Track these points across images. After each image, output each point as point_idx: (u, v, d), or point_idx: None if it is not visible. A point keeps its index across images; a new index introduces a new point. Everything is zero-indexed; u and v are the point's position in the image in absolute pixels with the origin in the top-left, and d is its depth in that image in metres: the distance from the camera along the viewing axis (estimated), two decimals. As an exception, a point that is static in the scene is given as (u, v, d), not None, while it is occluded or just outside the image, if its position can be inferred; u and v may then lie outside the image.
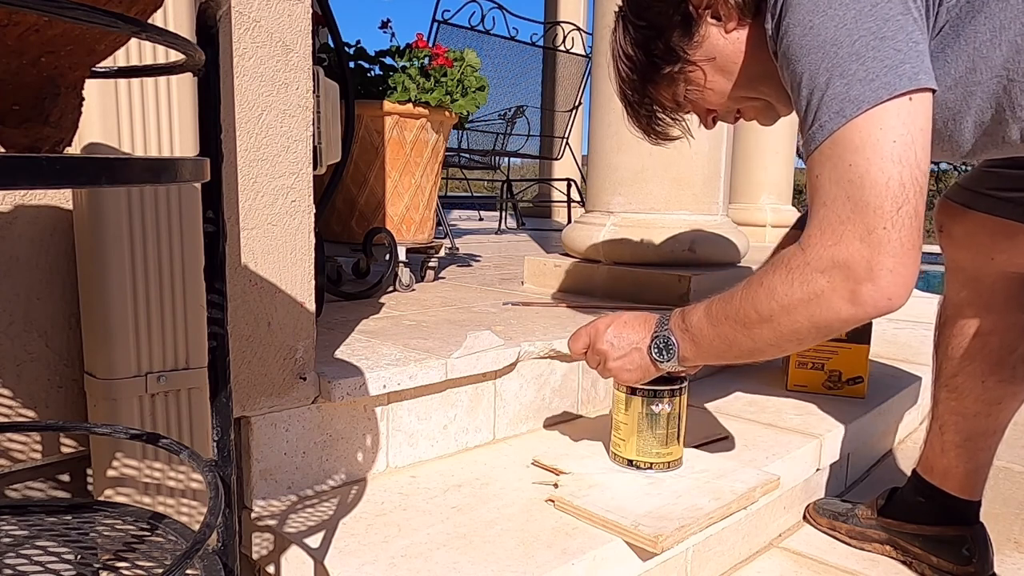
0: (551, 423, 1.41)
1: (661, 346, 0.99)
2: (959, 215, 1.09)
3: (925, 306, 1.98)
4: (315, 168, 1.14)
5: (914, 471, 1.23)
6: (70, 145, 0.54)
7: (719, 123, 1.07)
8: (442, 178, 3.81)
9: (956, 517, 1.17)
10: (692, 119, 1.08)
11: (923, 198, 0.76)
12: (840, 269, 0.76)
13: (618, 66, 1.06)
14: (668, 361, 0.99)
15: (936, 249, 1.15)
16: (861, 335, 1.59)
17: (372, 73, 2.01)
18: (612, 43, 1.07)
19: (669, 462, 1.14)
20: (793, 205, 4.16)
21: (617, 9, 1.08)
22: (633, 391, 1.14)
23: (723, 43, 0.95)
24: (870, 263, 0.75)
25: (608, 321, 1.08)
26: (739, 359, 0.95)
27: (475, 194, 8.04)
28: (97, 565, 0.70)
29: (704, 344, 0.94)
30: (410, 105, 1.97)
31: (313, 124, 1.06)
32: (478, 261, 2.86)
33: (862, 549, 1.25)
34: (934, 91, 0.76)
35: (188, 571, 0.57)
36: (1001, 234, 1.05)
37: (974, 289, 1.13)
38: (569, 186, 5.15)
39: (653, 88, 1.03)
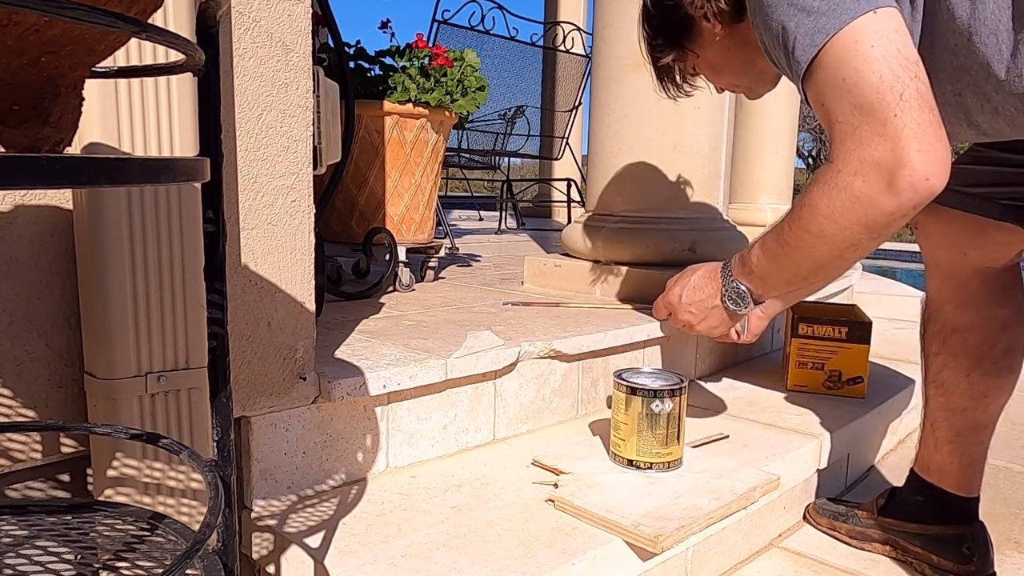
0: (551, 423, 1.41)
1: (735, 296, 1.05)
2: (933, 212, 1.10)
3: (925, 306, 1.98)
4: (315, 168, 1.14)
5: (912, 470, 1.23)
6: (70, 145, 0.54)
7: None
8: (442, 178, 3.81)
9: (956, 515, 1.17)
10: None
11: (922, 81, 0.80)
12: (871, 166, 0.80)
13: (643, 32, 1.16)
14: (746, 307, 1.05)
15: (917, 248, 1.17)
16: (861, 335, 1.59)
17: (372, 73, 2.01)
18: (642, 17, 1.16)
19: (669, 462, 1.14)
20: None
21: None
22: (633, 391, 1.14)
23: (715, 41, 1.04)
24: (895, 151, 0.78)
25: (679, 289, 1.15)
26: (810, 283, 1.00)
27: (475, 194, 8.04)
28: (97, 565, 0.70)
29: (770, 278, 1.01)
30: (410, 105, 1.97)
31: (313, 124, 1.06)
32: (478, 261, 2.86)
33: (862, 549, 1.25)
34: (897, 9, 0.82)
35: (188, 571, 0.57)
36: (970, 230, 1.08)
37: (952, 286, 1.14)
38: (569, 186, 5.14)
39: (665, 60, 1.15)
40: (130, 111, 0.79)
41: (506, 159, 5.29)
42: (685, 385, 1.16)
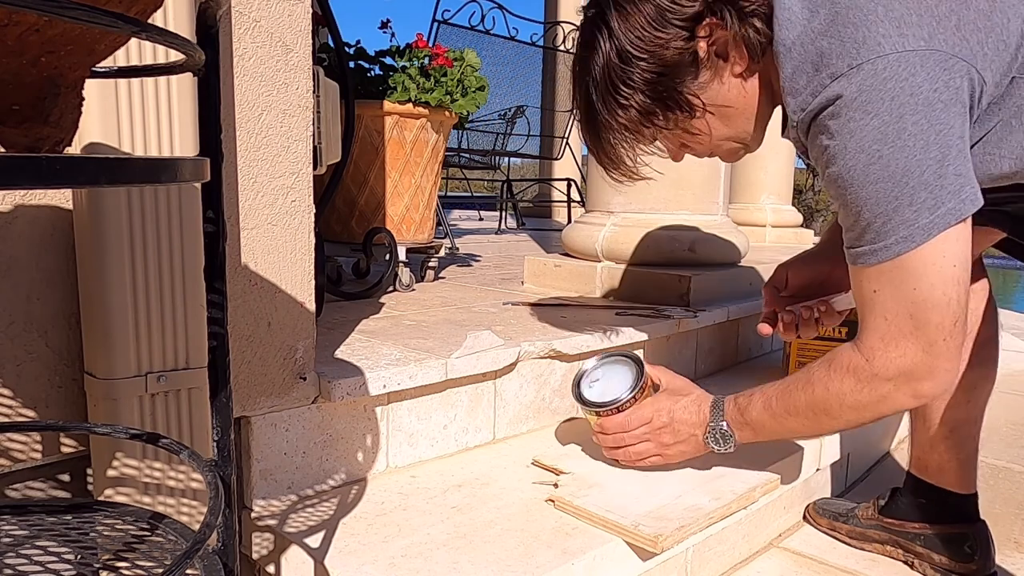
0: (551, 423, 1.41)
1: (718, 436, 1.06)
2: None
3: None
4: (315, 168, 1.14)
5: (909, 473, 1.23)
6: (70, 145, 0.54)
7: None
8: (442, 178, 3.81)
9: (957, 514, 1.17)
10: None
11: (966, 302, 0.84)
12: (904, 376, 0.86)
13: (608, 102, 0.93)
14: (726, 449, 1.06)
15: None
16: (861, 335, 1.59)
17: (372, 73, 2.01)
18: (596, 71, 0.92)
19: None
20: (793, 205, 4.16)
21: (595, 15, 0.92)
22: (600, 414, 1.14)
23: (726, 90, 0.91)
24: (931, 369, 0.84)
25: (666, 406, 1.11)
26: (796, 439, 1.07)
27: (475, 194, 8.04)
28: (97, 565, 0.70)
29: (765, 433, 1.03)
30: (410, 105, 1.97)
31: (313, 124, 1.06)
32: (478, 261, 2.86)
33: (862, 549, 1.25)
34: None
35: (188, 571, 0.57)
36: None
37: None
38: (569, 186, 5.15)
39: (642, 130, 0.95)
40: (130, 111, 0.79)
41: (506, 159, 5.30)
42: (643, 370, 1.14)
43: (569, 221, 4.44)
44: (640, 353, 1.57)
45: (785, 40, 0.84)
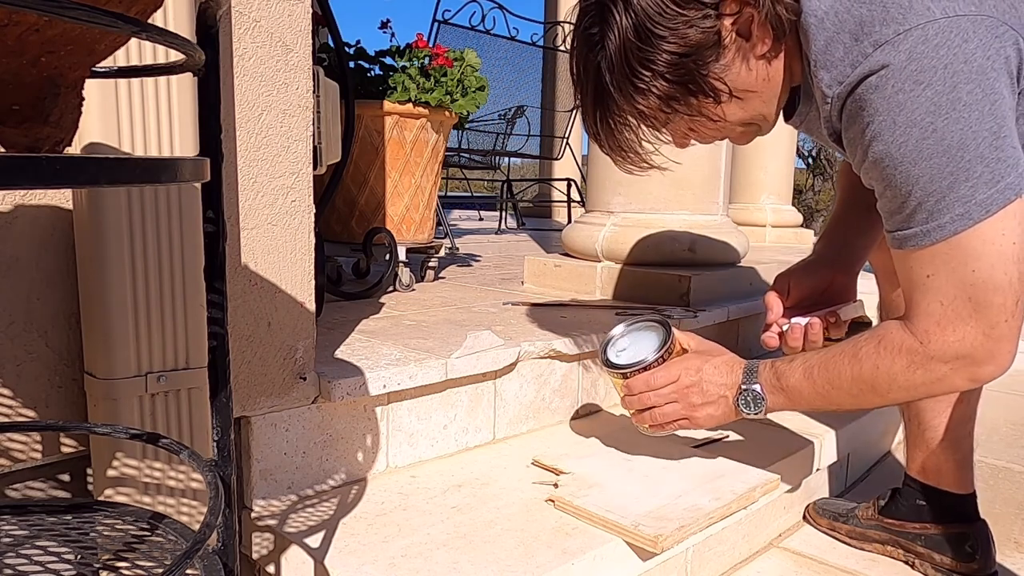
0: (551, 423, 1.41)
1: (749, 400, 0.99)
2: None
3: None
4: (315, 168, 1.14)
5: (907, 475, 1.23)
6: (70, 145, 0.54)
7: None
8: (442, 178, 3.81)
9: (957, 514, 1.17)
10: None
11: None
12: (963, 359, 0.81)
13: (624, 87, 0.85)
14: (754, 412, 1.00)
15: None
16: (861, 335, 1.59)
17: (372, 73, 2.01)
18: (611, 50, 0.84)
19: None
20: (793, 205, 4.16)
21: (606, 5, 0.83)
22: (626, 375, 1.09)
23: (747, 72, 0.85)
24: (992, 351, 0.80)
25: (695, 364, 1.05)
26: (832, 411, 1.01)
27: (475, 194, 8.04)
28: (97, 565, 0.70)
29: (801, 402, 0.97)
30: (410, 105, 1.97)
31: (313, 124, 1.06)
32: (478, 261, 2.86)
33: (862, 549, 1.25)
34: None
35: (188, 571, 0.57)
36: None
37: None
38: (569, 186, 5.15)
39: (658, 115, 0.89)
40: (130, 111, 0.79)
41: (506, 159, 5.30)
42: (671, 329, 1.09)
43: (569, 221, 4.44)
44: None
45: (816, 10, 0.78)
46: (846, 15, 0.76)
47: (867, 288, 1.27)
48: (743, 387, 0.99)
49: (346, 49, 1.91)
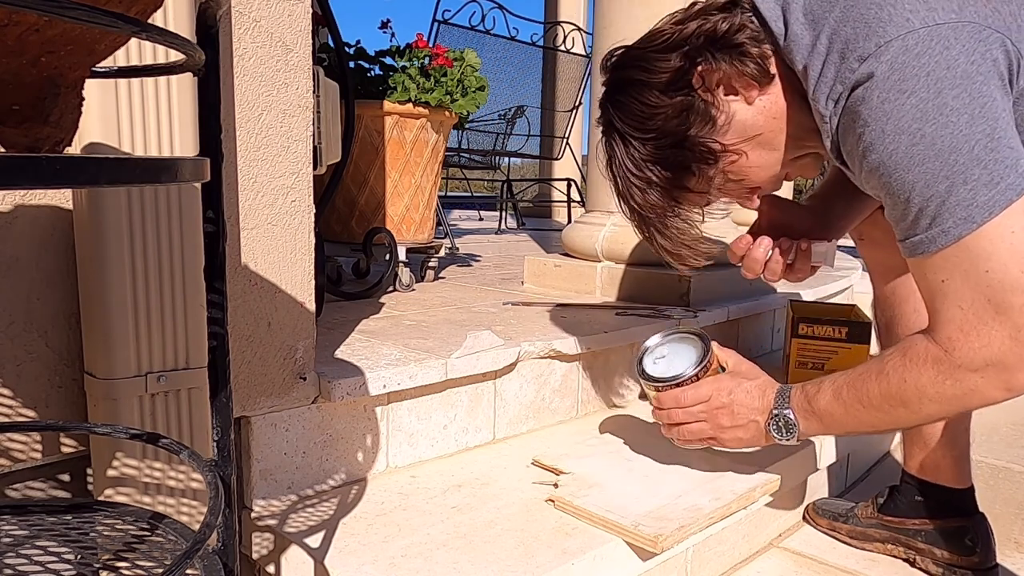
0: (551, 423, 1.41)
1: (781, 425, 0.98)
2: (877, 219, 1.08)
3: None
4: (315, 168, 1.14)
5: (905, 471, 1.24)
6: (70, 145, 0.54)
7: None
8: (442, 178, 3.81)
9: (956, 508, 1.18)
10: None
11: None
12: (993, 367, 0.78)
13: (633, 194, 0.95)
14: (788, 439, 0.98)
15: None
16: (861, 335, 1.59)
17: (372, 73, 2.01)
18: (618, 171, 0.96)
19: None
20: (793, 205, 4.15)
21: (603, 124, 0.97)
22: (659, 389, 1.08)
23: (753, 116, 0.89)
24: (1022, 356, 0.76)
25: (728, 386, 1.04)
26: (868, 433, 0.99)
27: (475, 194, 8.04)
28: (97, 565, 0.70)
29: (835, 425, 0.95)
30: (410, 105, 1.97)
31: (313, 124, 1.06)
32: (478, 261, 2.86)
33: (862, 549, 1.26)
34: None
35: (188, 571, 0.57)
36: None
37: (908, 285, 1.13)
38: (569, 186, 5.15)
39: (682, 198, 0.95)
40: (130, 111, 0.79)
41: (506, 159, 5.30)
42: (710, 344, 1.09)
43: (569, 221, 4.45)
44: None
45: (802, 45, 0.81)
46: (834, 37, 0.79)
47: (870, 288, 1.27)
48: (775, 412, 0.98)
49: (346, 49, 1.91)
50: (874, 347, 1.75)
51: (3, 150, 0.49)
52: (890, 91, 0.74)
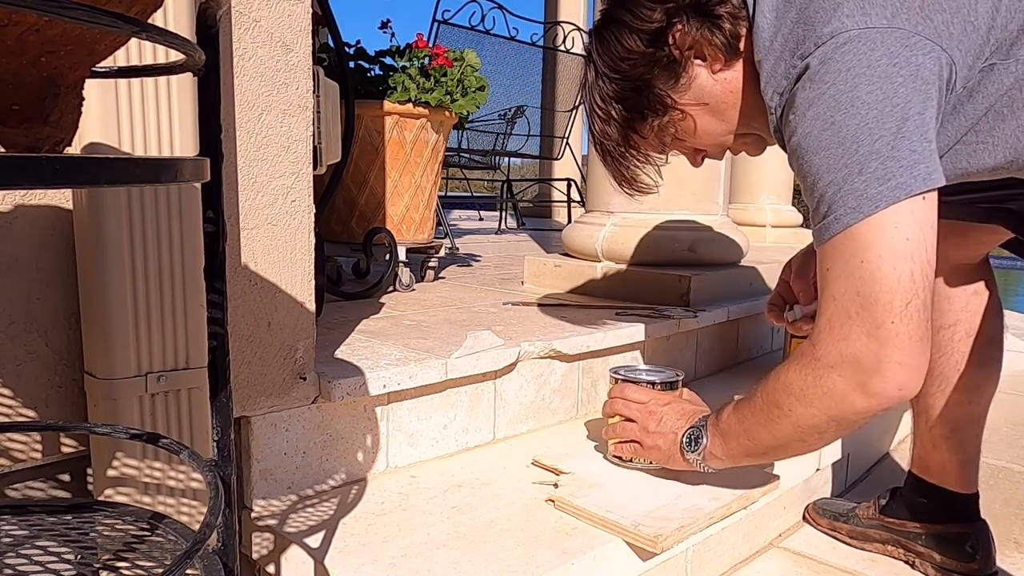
0: (551, 423, 1.41)
1: (692, 438, 1.02)
2: None
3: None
4: (315, 168, 1.14)
5: (910, 472, 1.23)
6: (70, 145, 0.54)
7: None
8: (442, 178, 3.81)
9: (958, 513, 1.17)
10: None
11: (931, 291, 0.78)
12: (850, 364, 0.79)
13: (594, 122, 1.02)
14: (694, 453, 1.02)
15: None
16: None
17: (372, 73, 2.01)
18: (586, 96, 1.02)
19: None
20: (793, 205, 4.16)
21: (586, 51, 1.03)
22: (616, 380, 1.18)
23: (712, 85, 0.94)
24: (878, 357, 0.77)
25: (667, 400, 1.12)
26: (765, 458, 0.99)
27: (475, 194, 8.04)
28: (97, 565, 0.70)
29: (732, 440, 0.97)
30: (410, 105, 1.97)
31: (313, 124, 1.06)
32: (478, 261, 2.86)
33: (863, 549, 1.25)
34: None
35: (188, 571, 0.57)
36: (955, 233, 1.06)
37: (932, 286, 1.15)
38: (569, 186, 5.15)
39: (637, 140, 1.00)
40: (130, 111, 0.79)
41: (506, 159, 5.30)
42: (680, 378, 1.18)
43: (569, 221, 4.44)
44: (640, 353, 1.57)
45: (764, 39, 0.86)
46: (789, 36, 0.83)
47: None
48: (690, 427, 1.03)
49: (346, 49, 1.91)
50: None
51: (3, 150, 0.49)
52: (816, 81, 0.79)
